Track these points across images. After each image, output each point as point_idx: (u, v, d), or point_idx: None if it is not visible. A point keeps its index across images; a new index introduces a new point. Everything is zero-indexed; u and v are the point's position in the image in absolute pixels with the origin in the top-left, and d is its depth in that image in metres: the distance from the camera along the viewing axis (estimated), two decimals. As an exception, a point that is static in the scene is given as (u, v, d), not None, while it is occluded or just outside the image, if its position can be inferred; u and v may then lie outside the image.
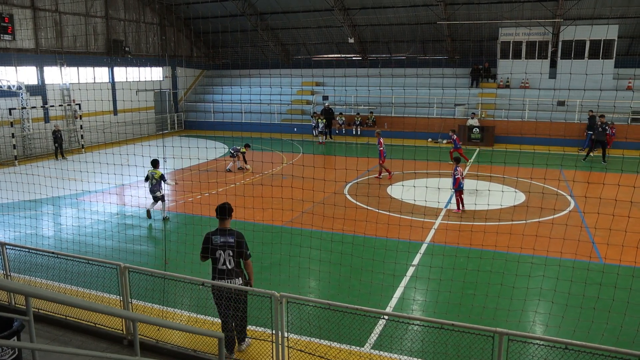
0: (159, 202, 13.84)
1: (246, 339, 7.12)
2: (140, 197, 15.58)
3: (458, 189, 14.28)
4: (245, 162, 20.01)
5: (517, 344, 5.42)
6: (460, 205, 14.30)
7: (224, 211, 7.04)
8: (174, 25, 33.84)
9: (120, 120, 28.76)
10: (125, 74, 29.93)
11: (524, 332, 6.52)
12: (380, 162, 18.08)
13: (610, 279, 8.59)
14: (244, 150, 20.16)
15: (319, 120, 28.83)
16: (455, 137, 21.39)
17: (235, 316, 6.85)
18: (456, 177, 14.20)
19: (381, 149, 17.86)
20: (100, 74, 28.30)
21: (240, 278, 6.93)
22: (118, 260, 7.62)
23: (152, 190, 13.71)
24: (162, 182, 13.67)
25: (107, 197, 15.36)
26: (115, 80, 29.11)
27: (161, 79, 33.34)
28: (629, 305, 7.43)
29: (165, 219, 13.66)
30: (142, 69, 31.25)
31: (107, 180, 14.63)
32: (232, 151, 19.92)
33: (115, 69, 29.06)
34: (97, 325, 7.53)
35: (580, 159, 22.01)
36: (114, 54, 28.53)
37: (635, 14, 26.82)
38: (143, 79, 31.36)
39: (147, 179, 13.75)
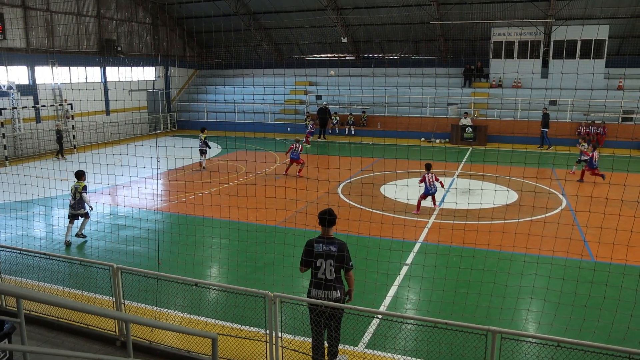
0: (79, 220, 12.19)
1: (338, 356, 6.68)
2: (133, 197, 15.53)
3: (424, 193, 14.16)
4: (207, 147, 20.30)
5: (509, 342, 5.44)
6: (418, 207, 14.19)
7: (331, 222, 6.58)
8: (166, 25, 33.72)
9: (112, 120, 28.64)
10: (117, 73, 29.80)
11: (516, 330, 6.55)
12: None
13: (602, 277, 8.65)
14: (203, 135, 20.42)
15: (308, 122, 28.81)
16: None
17: (329, 335, 6.47)
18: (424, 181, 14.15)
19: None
20: (92, 73, 28.15)
21: (338, 291, 6.47)
22: (110, 261, 7.59)
23: (75, 207, 11.97)
24: (83, 195, 11.92)
25: (99, 198, 15.30)
26: (108, 80, 28.97)
27: (154, 78, 33.21)
28: (620, 303, 7.48)
29: (79, 235, 12.17)
30: (134, 68, 31.11)
31: (100, 180, 14.55)
32: (200, 148, 20.21)
33: (108, 68, 28.92)
34: (89, 326, 7.50)
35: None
36: (106, 53, 28.39)
37: (625, 15, 27.02)
38: (136, 78, 31.23)
39: (71, 193, 12.15)
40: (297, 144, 18.83)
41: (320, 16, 30.85)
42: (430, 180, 14.12)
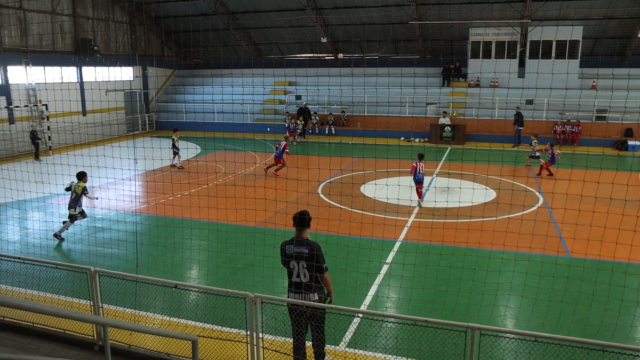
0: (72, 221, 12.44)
1: (326, 357, 6.67)
2: (110, 199, 15.32)
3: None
4: (177, 152, 20.29)
5: (488, 338, 5.51)
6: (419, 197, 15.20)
7: (302, 222, 6.52)
8: (144, 24, 33.34)
9: (89, 121, 28.21)
10: (94, 73, 29.35)
11: (495, 326, 6.64)
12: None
13: (577, 272, 8.82)
14: (175, 137, 20.44)
15: (298, 122, 28.76)
16: None
17: (313, 336, 6.43)
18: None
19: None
20: (68, 73, 27.70)
21: (316, 293, 6.39)
22: (88, 264, 7.48)
23: (71, 206, 12.27)
24: (84, 195, 12.28)
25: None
26: (84, 80, 28.53)
27: (131, 78, 32.82)
28: (594, 297, 7.63)
29: (56, 236, 12.27)
30: (111, 68, 30.70)
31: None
32: (172, 148, 20.30)
33: (84, 68, 28.48)
34: (66, 331, 7.37)
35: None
36: (82, 53, 27.96)
37: (597, 16, 27.56)
38: (113, 78, 30.80)
39: (68, 189, 12.41)
40: (282, 142, 18.84)
41: (299, 16, 30.84)
42: (420, 168, 15.00)
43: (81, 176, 12.38)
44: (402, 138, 28.21)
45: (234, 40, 34.02)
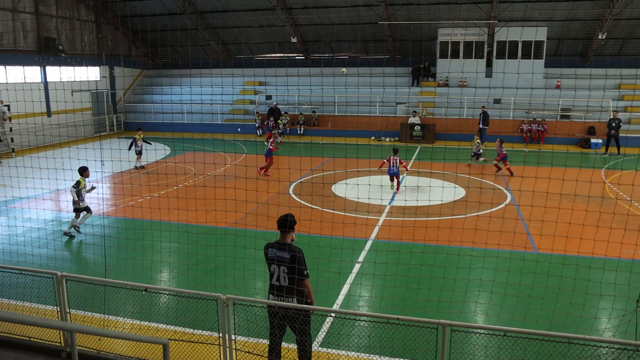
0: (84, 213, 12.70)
1: None
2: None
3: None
4: (139, 154, 20.14)
5: (459, 334, 5.59)
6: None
7: (284, 224, 6.38)
8: (110, 23, 32.72)
9: (54, 122, 27.55)
10: (59, 73, 28.67)
11: (465, 322, 6.74)
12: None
13: (544, 267, 9.02)
14: (137, 136, 20.32)
15: (279, 122, 28.60)
16: None
17: (297, 340, 6.35)
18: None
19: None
20: (31, 73, 26.99)
21: (294, 299, 6.28)
22: (54, 269, 7.30)
23: (74, 202, 12.53)
24: (83, 190, 12.53)
25: (40, 204, 14.70)
26: (48, 80, 27.83)
27: (98, 78, 32.17)
28: (560, 292, 7.83)
29: (66, 234, 12.51)
30: (77, 68, 30.03)
31: (41, 185, 13.97)
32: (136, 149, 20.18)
33: (48, 68, 27.78)
34: (32, 339, 7.18)
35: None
36: (45, 52, 27.27)
37: (561, 17, 28.28)
38: (79, 78, 30.13)
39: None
40: (271, 139, 18.93)
41: (269, 16, 30.73)
42: (394, 162, 16.17)
43: (82, 171, 12.67)
44: (373, 137, 28.40)
45: (203, 39, 33.69)
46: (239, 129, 30.10)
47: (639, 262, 9.49)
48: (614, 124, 23.88)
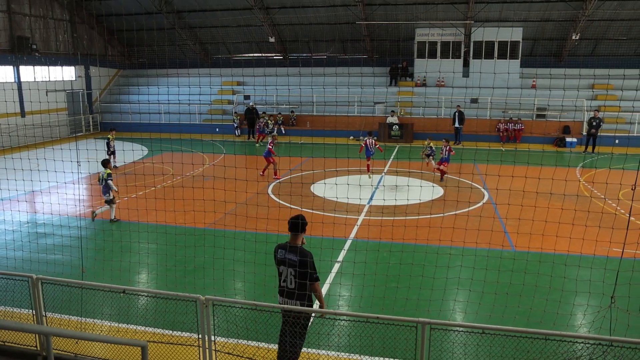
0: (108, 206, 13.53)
1: None
2: (53, 203, 14.74)
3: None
4: (114, 154, 20.11)
5: (438, 332, 5.65)
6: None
7: (295, 227, 6.28)
8: (85, 22, 32.21)
9: (28, 123, 27.01)
10: (33, 73, 28.13)
11: (444, 321, 6.81)
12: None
13: (521, 265, 9.16)
14: (110, 136, 20.28)
15: (269, 122, 28.43)
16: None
17: (290, 342, 6.26)
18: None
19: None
20: (4, 73, 26.43)
21: (300, 301, 6.22)
22: (30, 272, 7.17)
23: (104, 192, 13.47)
24: (109, 181, 13.33)
25: (15, 205, 14.40)
26: (22, 80, 27.28)
27: (73, 78, 31.64)
28: (537, 289, 7.96)
29: (112, 221, 13.51)
30: (52, 68, 29.50)
31: (15, 187, 13.70)
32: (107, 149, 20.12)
33: (22, 67, 27.23)
34: (6, 343, 7.04)
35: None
36: (18, 52, 26.71)
37: (536, 18, 28.74)
38: (53, 78, 29.61)
39: (99, 180, 13.71)
40: (270, 140, 19.03)
41: (247, 15, 30.60)
42: (370, 144, 17.68)
43: (105, 163, 13.65)
44: (351, 137, 28.48)
45: (180, 39, 33.39)
46: (217, 129, 29.91)
47: (613, 259, 9.69)
48: (594, 123, 24.33)
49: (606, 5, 26.55)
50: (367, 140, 18.08)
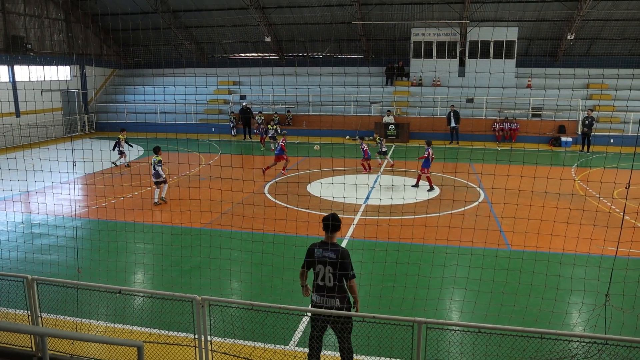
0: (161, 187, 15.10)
1: None
2: (48, 203, 14.70)
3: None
4: (122, 153, 20.58)
5: (434, 331, 5.66)
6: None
7: (334, 227, 6.34)
8: (80, 22, 32.12)
9: (23, 123, 26.91)
10: (28, 73, 28.03)
11: (440, 320, 6.83)
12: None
13: (516, 264, 9.19)
14: (121, 136, 20.63)
15: (270, 127, 28.31)
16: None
17: (340, 347, 6.29)
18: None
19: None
20: (-1, 73, 26.35)
21: (339, 300, 6.23)
22: (25, 272, 7.15)
23: (155, 176, 14.90)
24: (157, 168, 14.77)
25: (10, 206, 14.36)
26: (17, 79, 27.17)
27: (69, 78, 31.55)
28: (532, 287, 7.98)
29: (160, 200, 14.90)
30: (47, 67, 29.39)
31: (10, 187, 13.66)
32: (117, 147, 20.52)
33: (16, 67, 27.12)
34: (2, 344, 7.02)
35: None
36: (13, 51, 26.61)
37: (531, 18, 28.82)
38: (49, 78, 29.50)
39: (151, 164, 15.15)
40: (280, 139, 19.29)
41: (243, 15, 30.57)
42: (366, 148, 18.59)
43: (156, 151, 14.99)
44: (347, 137, 28.47)
45: (176, 39, 33.33)
46: (212, 129, 29.87)
47: (608, 258, 9.73)
48: (587, 122, 24.47)
49: (601, 5, 26.65)
50: (363, 144, 18.67)
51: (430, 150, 16.45)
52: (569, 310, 8.17)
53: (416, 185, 16.73)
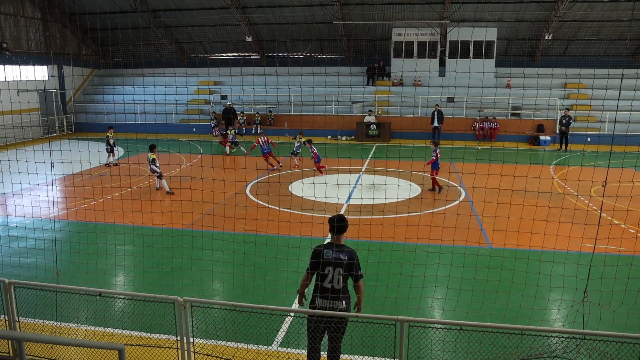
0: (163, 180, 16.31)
1: None
2: (26, 206, 14.46)
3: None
4: (112, 152, 20.91)
5: (417, 329, 5.71)
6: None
7: (341, 228, 6.30)
8: (58, 21, 31.62)
9: (-1, 124, 26.40)
10: (3, 72, 27.51)
11: (423, 318, 6.88)
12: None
13: (497, 262, 9.29)
14: (110, 134, 20.95)
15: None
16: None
17: (329, 347, 6.19)
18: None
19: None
20: (-27, 73, 25.82)
21: (344, 301, 6.18)
22: (2, 276, 7.03)
23: (151, 170, 16.30)
24: (151, 166, 16.07)
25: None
26: (-8, 79, 26.67)
27: (46, 78, 31.04)
28: (513, 285, 8.08)
29: (169, 193, 15.93)
30: (23, 67, 28.87)
31: (-14, 189, 13.43)
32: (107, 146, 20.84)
33: (-9, 67, 26.63)
34: (-21, 348, 6.90)
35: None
36: (-12, 51, 26.12)
37: (510, 18, 29.18)
38: (25, 78, 28.98)
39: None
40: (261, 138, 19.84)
41: (223, 14, 30.40)
42: (264, 141, 19.54)
43: (151, 148, 16.12)
44: (329, 136, 28.52)
45: (156, 38, 33.01)
46: (194, 129, 29.66)
47: (586, 254, 9.90)
48: (564, 121, 24.88)
49: (577, 6, 27.09)
50: (259, 139, 19.75)
51: (438, 151, 16.13)
52: (549, 306, 8.29)
53: (433, 189, 16.38)
